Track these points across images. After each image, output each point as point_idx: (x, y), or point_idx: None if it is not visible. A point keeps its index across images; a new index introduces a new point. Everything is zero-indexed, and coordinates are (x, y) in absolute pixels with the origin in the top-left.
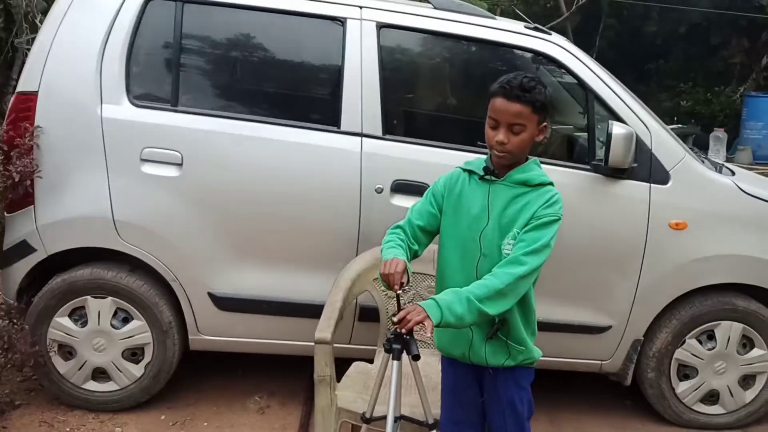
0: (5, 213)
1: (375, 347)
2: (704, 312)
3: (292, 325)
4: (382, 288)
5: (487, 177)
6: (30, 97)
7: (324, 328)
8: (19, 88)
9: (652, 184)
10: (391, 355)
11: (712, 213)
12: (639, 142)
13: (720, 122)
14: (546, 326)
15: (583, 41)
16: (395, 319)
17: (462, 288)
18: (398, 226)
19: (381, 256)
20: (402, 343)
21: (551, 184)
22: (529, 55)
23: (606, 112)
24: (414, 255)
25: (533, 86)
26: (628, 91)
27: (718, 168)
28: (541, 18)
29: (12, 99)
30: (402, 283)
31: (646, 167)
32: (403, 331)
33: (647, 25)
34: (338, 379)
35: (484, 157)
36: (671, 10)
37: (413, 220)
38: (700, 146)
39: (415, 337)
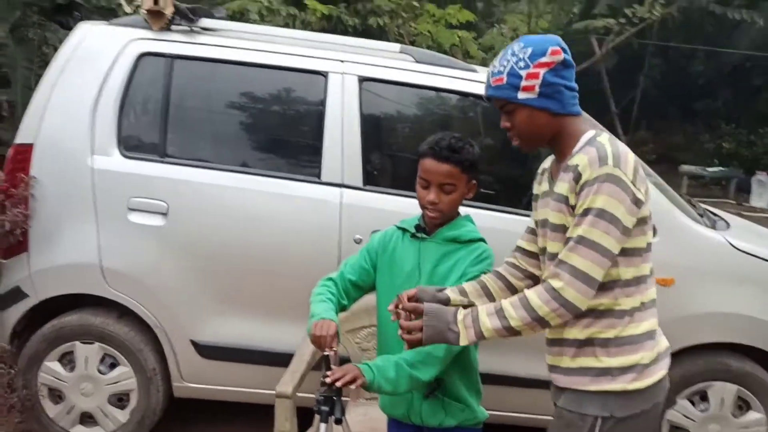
0: (2, 259)
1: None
2: (696, 372)
3: (272, 375)
4: (357, 339)
5: (418, 235)
6: (27, 149)
7: (286, 381)
8: (16, 140)
9: None
10: (320, 416)
11: (700, 269)
12: None
13: (763, 165)
14: (534, 383)
15: (624, 81)
16: (329, 379)
17: (393, 355)
18: (330, 278)
19: (311, 307)
20: (330, 405)
21: (482, 240)
22: None
23: None
24: (342, 309)
25: (461, 146)
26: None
27: (712, 222)
28: (582, 58)
29: (10, 150)
30: (332, 346)
31: None
32: (338, 384)
33: (692, 64)
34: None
35: (420, 214)
36: (716, 50)
37: (346, 274)
38: (743, 189)
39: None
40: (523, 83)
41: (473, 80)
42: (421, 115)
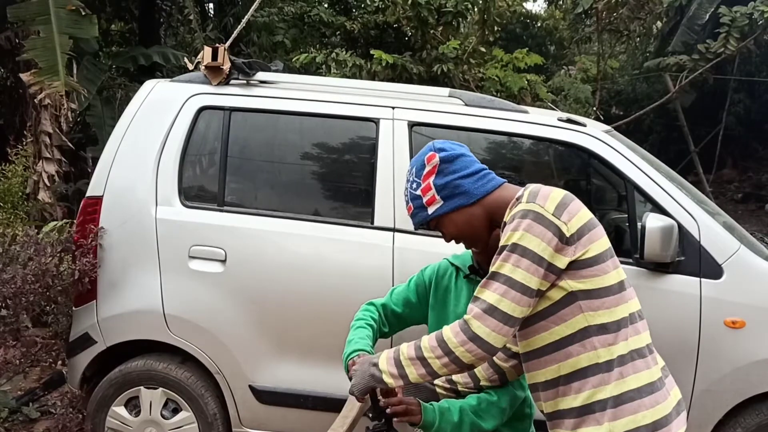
0: (73, 307)
1: None
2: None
3: (328, 420)
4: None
5: (472, 276)
6: (96, 201)
7: (337, 426)
8: (87, 193)
9: (703, 279)
10: None
11: None
12: (685, 234)
13: None
14: None
15: (706, 118)
16: (382, 403)
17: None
18: (373, 304)
19: (349, 332)
20: None
21: None
22: (562, 147)
23: (649, 204)
24: (382, 335)
25: None
26: (678, 180)
27: None
28: (658, 96)
29: (82, 203)
30: None
31: (695, 261)
32: (388, 411)
33: None
34: None
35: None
36: None
37: (389, 305)
38: None
39: None
40: (425, 199)
41: (523, 121)
42: None
